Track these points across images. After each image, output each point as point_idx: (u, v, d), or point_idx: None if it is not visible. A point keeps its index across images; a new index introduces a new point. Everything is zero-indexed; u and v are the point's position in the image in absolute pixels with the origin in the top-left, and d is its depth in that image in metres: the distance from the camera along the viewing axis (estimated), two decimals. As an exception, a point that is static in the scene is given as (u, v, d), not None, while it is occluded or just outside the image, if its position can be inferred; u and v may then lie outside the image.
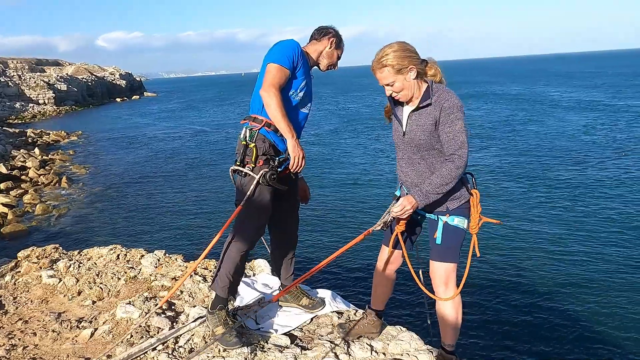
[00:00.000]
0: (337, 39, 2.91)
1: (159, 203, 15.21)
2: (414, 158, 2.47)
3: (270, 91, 2.60)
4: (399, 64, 2.31)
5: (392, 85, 2.36)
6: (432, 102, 2.34)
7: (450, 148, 2.30)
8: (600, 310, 7.69)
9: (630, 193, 13.23)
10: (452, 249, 2.49)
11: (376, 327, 2.97)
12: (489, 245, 9.97)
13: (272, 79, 2.62)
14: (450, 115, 2.29)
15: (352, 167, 18.35)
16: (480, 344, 6.95)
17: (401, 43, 2.37)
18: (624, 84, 50.48)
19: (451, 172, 2.28)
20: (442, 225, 2.47)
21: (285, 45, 2.72)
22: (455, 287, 2.55)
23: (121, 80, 76.33)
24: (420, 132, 2.37)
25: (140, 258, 4.26)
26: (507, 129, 25.09)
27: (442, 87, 2.39)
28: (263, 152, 2.72)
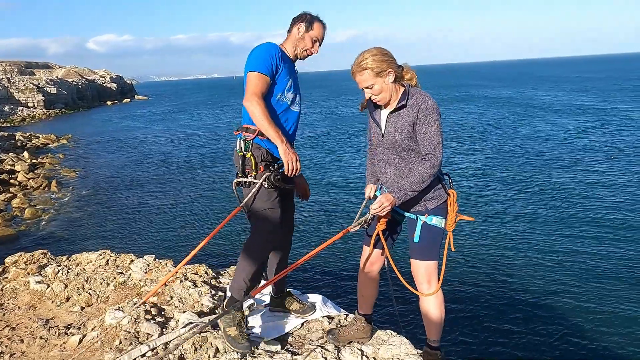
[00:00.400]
0: (306, 22, 2.80)
1: (149, 207, 15.12)
2: (393, 158, 2.56)
3: (253, 100, 2.58)
4: (378, 67, 2.41)
5: (371, 87, 2.46)
6: (409, 104, 2.45)
7: (426, 148, 2.41)
8: (574, 303, 7.90)
9: (611, 192, 13.47)
10: (430, 247, 2.57)
11: (366, 332, 2.98)
12: (474, 244, 10.21)
13: (254, 88, 2.61)
14: (427, 117, 2.40)
15: (343, 170, 18.40)
16: (461, 338, 7.07)
17: (379, 48, 2.47)
18: (612, 88, 51.07)
19: (427, 171, 2.38)
20: (421, 224, 2.56)
21: (261, 50, 2.69)
22: (437, 282, 2.63)
23: (112, 83, 75.89)
24: (399, 133, 2.48)
25: (129, 263, 4.22)
26: (494, 131, 25.27)
27: (419, 90, 2.50)
28: (262, 159, 2.72)
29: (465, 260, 9.45)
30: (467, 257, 9.59)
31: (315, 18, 2.83)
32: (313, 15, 2.85)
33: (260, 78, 2.63)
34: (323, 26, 2.85)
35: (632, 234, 10.55)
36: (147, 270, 4.07)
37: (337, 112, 42.41)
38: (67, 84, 61.15)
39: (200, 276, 3.94)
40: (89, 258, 4.37)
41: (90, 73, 74.75)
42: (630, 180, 14.74)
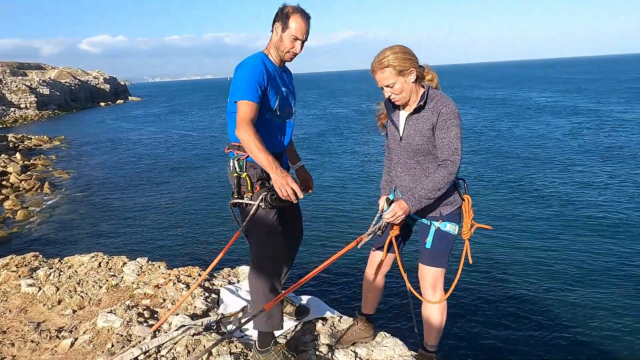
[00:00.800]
0: (281, 20, 2.55)
1: (142, 209, 15.04)
2: (409, 163, 2.49)
3: (242, 128, 2.44)
4: (401, 65, 2.32)
5: (392, 86, 2.37)
6: (429, 107, 2.37)
7: (444, 154, 2.32)
8: (589, 315, 7.76)
9: (616, 197, 13.44)
10: (441, 254, 2.52)
11: (368, 332, 2.97)
12: (476, 249, 10.06)
13: (243, 116, 2.47)
14: (447, 122, 2.32)
15: (339, 172, 18.38)
16: (461, 346, 7.02)
17: (402, 46, 2.38)
18: (605, 89, 51.40)
19: (444, 178, 2.30)
20: (434, 230, 2.50)
21: (246, 72, 2.52)
22: (442, 291, 2.59)
23: (105, 84, 75.55)
24: (418, 137, 2.40)
25: (122, 266, 4.19)
26: (492, 133, 25.37)
27: (441, 93, 2.41)
28: (258, 178, 2.63)
29: (469, 267, 9.23)
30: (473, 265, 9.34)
31: (291, 12, 2.54)
32: (290, 8, 2.56)
33: (249, 106, 2.50)
34: (303, 18, 2.55)
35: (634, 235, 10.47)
36: (140, 272, 4.05)
37: (333, 113, 42.38)
38: (60, 85, 60.80)
39: (193, 278, 3.92)
40: (81, 260, 4.33)
41: (83, 74, 74.38)
42: (626, 181, 14.82)
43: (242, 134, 2.44)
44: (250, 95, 2.48)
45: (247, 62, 2.57)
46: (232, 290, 3.73)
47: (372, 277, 2.84)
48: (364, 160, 20.70)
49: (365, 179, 17.24)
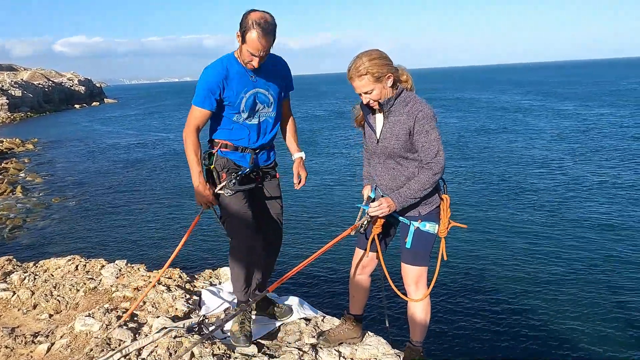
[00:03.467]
0: (241, 32, 2.47)
1: (120, 212, 14.78)
2: (388, 163, 2.53)
3: (185, 132, 2.72)
4: (379, 71, 2.33)
5: (370, 93, 2.38)
6: (404, 111, 2.40)
7: (427, 157, 2.38)
8: (566, 311, 7.89)
9: (593, 197, 13.76)
10: (421, 253, 2.56)
11: (356, 331, 2.98)
12: (461, 248, 10.22)
13: (188, 120, 2.70)
14: (424, 126, 2.36)
15: (317, 173, 18.41)
16: (446, 341, 7.10)
17: (378, 51, 2.39)
18: (582, 93, 52.69)
19: (429, 179, 2.38)
20: (414, 230, 2.53)
21: (202, 78, 2.66)
22: (425, 288, 2.63)
23: (80, 86, 74.05)
24: (395, 140, 2.43)
25: (100, 268, 4.11)
26: (469, 134, 25.74)
27: (414, 96, 2.44)
28: (223, 167, 2.80)
29: (451, 264, 9.46)
30: (453, 261, 9.59)
31: (251, 26, 2.41)
32: (251, 20, 2.43)
33: (197, 111, 2.68)
34: (261, 35, 2.42)
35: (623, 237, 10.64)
36: (119, 275, 3.97)
37: (315, 115, 42.41)
38: (32, 86, 59.36)
39: (174, 280, 3.86)
40: (58, 264, 4.23)
41: (57, 76, 72.79)
42: (605, 180, 15.19)
43: (184, 137, 2.72)
44: (199, 101, 2.65)
45: (207, 68, 2.67)
46: (214, 291, 3.69)
47: (358, 277, 2.85)
48: (342, 159, 20.81)
49: (343, 176, 17.39)
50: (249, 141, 2.80)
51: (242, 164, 2.82)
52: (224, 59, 2.67)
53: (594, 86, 61.67)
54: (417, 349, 2.73)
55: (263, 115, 2.80)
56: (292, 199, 14.24)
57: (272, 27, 2.47)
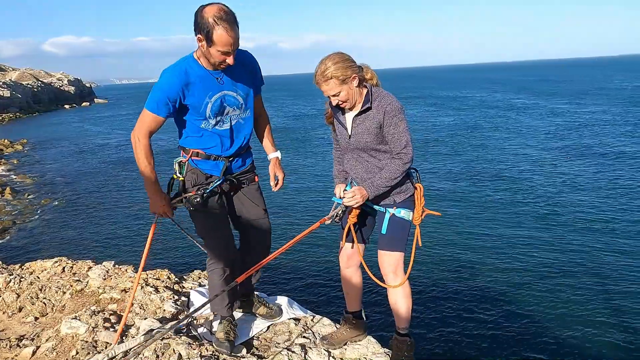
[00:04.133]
0: (204, 35, 2.27)
1: (109, 213, 14.67)
2: (362, 156, 2.62)
3: (134, 136, 2.54)
4: (343, 74, 2.42)
5: (338, 95, 2.47)
6: (373, 106, 2.49)
7: (396, 147, 2.49)
8: (535, 297, 8.16)
9: (572, 189, 13.98)
10: (397, 239, 2.63)
11: (359, 329, 2.97)
12: (440, 237, 10.51)
13: (140, 124, 2.51)
14: (393, 118, 2.46)
15: (301, 168, 18.47)
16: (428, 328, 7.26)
17: (341, 54, 2.47)
18: (563, 91, 53.13)
19: (399, 168, 2.49)
20: (389, 217, 2.62)
21: (160, 82, 2.44)
22: (403, 274, 2.69)
23: (70, 86, 73.41)
24: (366, 134, 2.53)
25: (87, 270, 4.06)
26: (447, 131, 25.86)
27: (382, 91, 2.54)
28: (193, 184, 2.68)
29: (433, 253, 9.69)
30: (435, 250, 9.83)
31: (213, 25, 2.23)
32: (210, 19, 2.22)
33: (147, 116, 2.48)
34: (228, 29, 2.24)
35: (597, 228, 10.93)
36: (106, 276, 3.93)
37: (300, 113, 42.38)
38: (21, 87, 58.75)
39: (162, 281, 3.83)
40: (44, 266, 4.17)
41: (46, 76, 72.12)
42: (589, 178, 15.34)
43: (133, 141, 2.53)
44: (154, 107, 2.46)
45: (165, 72, 2.46)
46: (203, 292, 3.66)
47: (345, 270, 2.87)
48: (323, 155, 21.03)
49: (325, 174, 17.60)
50: (221, 149, 2.63)
51: (214, 173, 2.67)
52: (182, 63, 2.45)
53: (568, 84, 62.22)
54: (405, 339, 2.74)
55: (234, 118, 2.62)
56: (275, 195, 14.24)
57: (234, 16, 2.28)
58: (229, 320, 2.92)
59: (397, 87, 77.48)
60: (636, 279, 8.53)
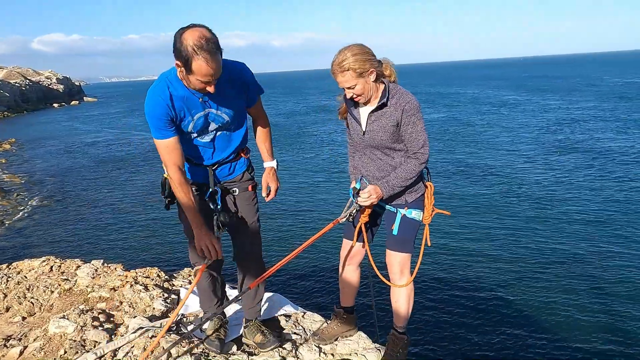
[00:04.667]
0: (182, 62, 2.14)
1: (99, 212, 14.55)
2: (375, 153, 2.57)
3: (167, 175, 2.46)
4: (361, 67, 2.34)
5: (353, 88, 2.39)
6: (391, 103, 2.42)
7: (414, 147, 2.45)
8: (547, 301, 8.05)
9: (578, 188, 14.01)
10: (407, 240, 2.61)
11: (350, 324, 2.97)
12: (444, 236, 10.44)
13: (163, 159, 2.42)
14: (411, 117, 2.40)
15: (295, 165, 18.41)
16: (428, 329, 7.24)
17: (361, 46, 2.39)
18: (552, 87, 53.50)
19: (415, 168, 2.46)
20: (400, 217, 2.59)
21: (148, 110, 2.32)
22: (409, 274, 2.68)
23: (59, 84, 72.68)
24: (382, 132, 2.47)
25: (75, 269, 4.02)
26: (453, 126, 25.95)
27: (400, 88, 2.47)
28: None
29: (438, 253, 9.67)
30: (441, 250, 9.82)
31: (192, 54, 2.09)
32: (190, 48, 2.08)
33: (163, 144, 2.36)
34: (208, 60, 2.10)
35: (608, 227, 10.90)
36: (95, 275, 3.89)
37: (293, 111, 42.32)
38: (9, 85, 58.08)
39: (152, 279, 3.80)
40: (32, 265, 4.13)
41: (34, 74, 71.31)
42: (580, 172, 15.45)
43: (170, 180, 2.44)
44: (159, 134, 2.34)
45: (148, 98, 2.32)
46: (193, 290, 3.63)
47: (347, 268, 2.87)
48: (328, 152, 20.93)
49: (329, 169, 17.49)
50: (202, 159, 2.56)
51: (197, 179, 2.59)
52: (163, 82, 2.31)
53: (560, 81, 62.67)
54: (402, 337, 2.75)
55: (219, 131, 2.51)
56: (278, 195, 14.15)
57: (215, 44, 2.13)
58: (220, 318, 2.89)
59: (388, 84, 77.40)
60: (631, 271, 8.58)
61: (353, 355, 2.79)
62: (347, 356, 2.79)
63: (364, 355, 2.78)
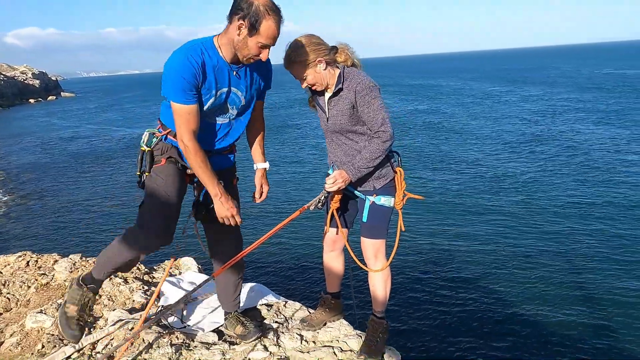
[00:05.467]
0: (250, 20, 2.08)
1: (76, 206, 14.36)
2: (340, 139, 2.59)
3: (183, 143, 2.23)
4: (307, 59, 2.38)
5: (305, 79, 2.44)
6: (345, 87, 2.45)
7: (374, 126, 2.43)
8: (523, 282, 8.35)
9: (542, 173, 14.33)
10: (378, 227, 2.62)
11: (337, 309, 2.99)
12: (423, 220, 10.72)
13: (179, 126, 2.21)
14: (365, 97, 2.40)
15: (281, 158, 18.41)
16: (406, 313, 7.40)
17: (307, 37, 2.43)
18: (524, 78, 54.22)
19: (379, 147, 2.42)
20: (369, 204, 2.60)
21: (176, 67, 2.15)
22: (384, 259, 2.69)
23: (34, 79, 71.03)
24: (341, 116, 2.49)
25: (53, 264, 3.95)
26: (423, 118, 26.15)
27: (354, 70, 2.49)
28: (162, 152, 2.39)
29: (412, 238, 9.81)
30: (415, 235, 9.95)
31: (265, 12, 2.07)
32: (260, 6, 2.07)
33: (183, 110, 2.18)
34: (276, 22, 2.11)
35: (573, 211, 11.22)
36: (73, 269, 3.83)
37: (273, 103, 42.15)
38: (-18, 81, 56.64)
39: (131, 272, 3.75)
40: (7, 260, 4.04)
41: (9, 69, 69.56)
42: (550, 160, 15.73)
43: (183, 149, 2.26)
44: (181, 98, 2.17)
45: (179, 55, 2.17)
46: (174, 282, 3.61)
47: (329, 254, 2.88)
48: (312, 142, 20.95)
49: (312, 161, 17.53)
50: (205, 144, 2.35)
51: (185, 160, 2.37)
52: (198, 47, 2.19)
53: (538, 72, 63.58)
54: (381, 322, 2.76)
55: (226, 117, 2.41)
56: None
57: (281, 15, 2.15)
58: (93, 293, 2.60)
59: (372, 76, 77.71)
60: (610, 260, 8.79)
61: (334, 342, 2.80)
62: (328, 343, 2.80)
63: (345, 342, 2.80)
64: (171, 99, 2.19)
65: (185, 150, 2.25)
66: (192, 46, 2.20)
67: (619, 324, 7.02)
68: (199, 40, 2.25)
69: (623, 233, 9.87)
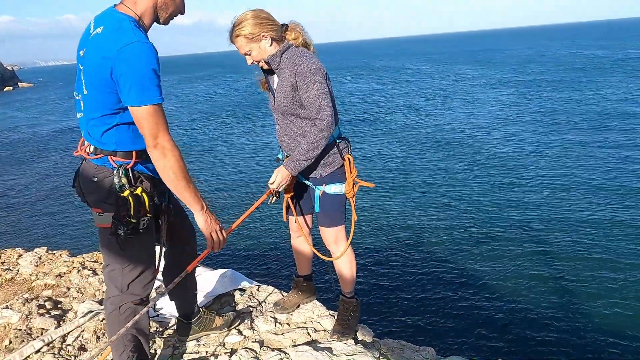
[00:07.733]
0: None
1: (39, 200, 13.93)
2: (285, 122, 2.50)
3: (161, 150, 1.85)
4: (251, 32, 2.30)
5: (249, 53, 2.36)
6: (287, 67, 2.36)
7: (311, 113, 2.33)
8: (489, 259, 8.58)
9: (514, 152, 14.68)
10: (332, 215, 2.57)
11: (309, 291, 3.01)
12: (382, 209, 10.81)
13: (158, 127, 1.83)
14: (304, 80, 2.30)
15: (227, 148, 18.36)
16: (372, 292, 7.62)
17: (255, 11, 2.36)
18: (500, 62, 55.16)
19: (315, 136, 2.30)
20: (319, 194, 2.54)
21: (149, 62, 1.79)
22: (344, 243, 2.66)
23: (-12, 70, 68.05)
24: (283, 97, 2.39)
25: (17, 258, 3.85)
26: (396, 101, 26.37)
27: (299, 51, 2.39)
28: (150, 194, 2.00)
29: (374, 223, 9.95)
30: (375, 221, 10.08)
31: None
32: None
33: (161, 110, 1.84)
34: None
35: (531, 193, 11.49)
36: (39, 263, 3.74)
37: (237, 86, 41.66)
38: None
39: (100, 264, 3.69)
40: (-32, 257, 3.91)
41: (-40, 59, 66.30)
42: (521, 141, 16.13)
43: (163, 153, 1.84)
44: (159, 95, 1.83)
45: (145, 47, 1.79)
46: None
47: (295, 241, 2.89)
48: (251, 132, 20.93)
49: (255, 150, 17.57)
50: None
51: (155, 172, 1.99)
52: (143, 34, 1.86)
53: (507, 54, 64.81)
54: (351, 300, 2.80)
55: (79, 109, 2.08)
56: (219, 175, 14.03)
57: None
58: None
59: (337, 60, 77.57)
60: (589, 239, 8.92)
61: (308, 323, 2.84)
62: (302, 324, 2.83)
63: (319, 322, 2.84)
64: (149, 103, 1.79)
65: (171, 157, 1.86)
66: (143, 35, 1.84)
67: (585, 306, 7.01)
68: (126, 24, 1.83)
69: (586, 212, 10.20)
